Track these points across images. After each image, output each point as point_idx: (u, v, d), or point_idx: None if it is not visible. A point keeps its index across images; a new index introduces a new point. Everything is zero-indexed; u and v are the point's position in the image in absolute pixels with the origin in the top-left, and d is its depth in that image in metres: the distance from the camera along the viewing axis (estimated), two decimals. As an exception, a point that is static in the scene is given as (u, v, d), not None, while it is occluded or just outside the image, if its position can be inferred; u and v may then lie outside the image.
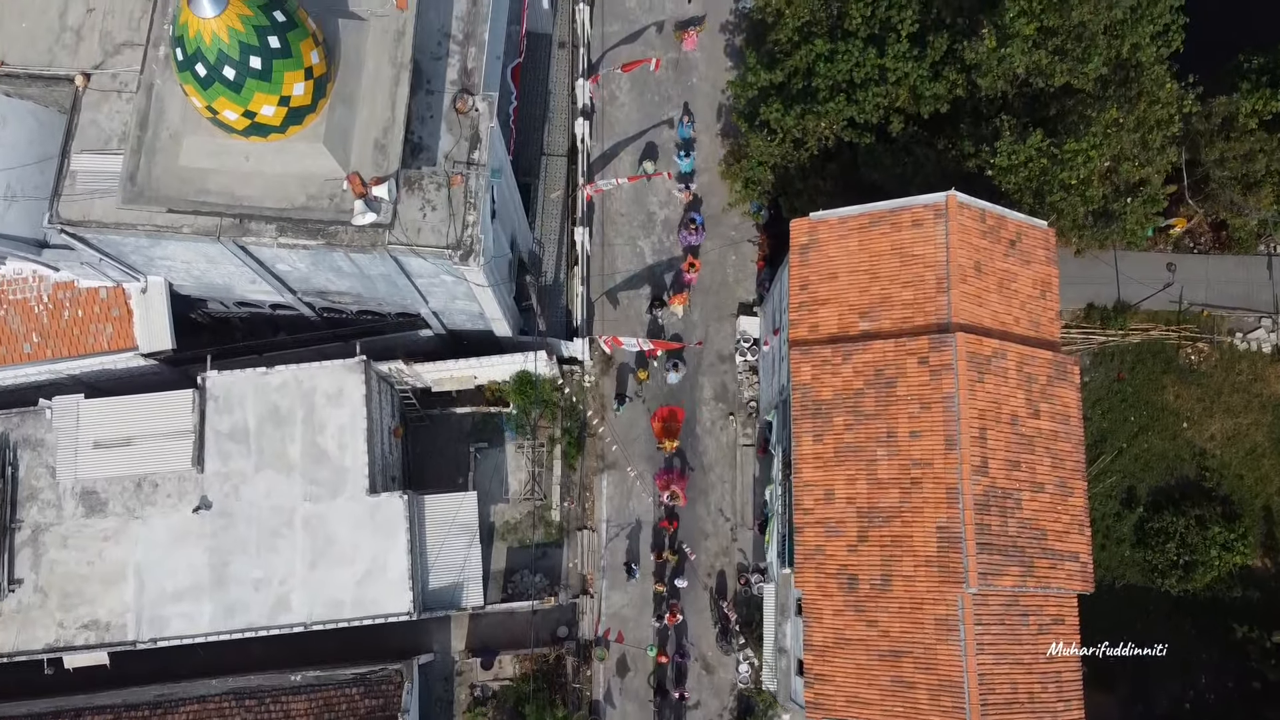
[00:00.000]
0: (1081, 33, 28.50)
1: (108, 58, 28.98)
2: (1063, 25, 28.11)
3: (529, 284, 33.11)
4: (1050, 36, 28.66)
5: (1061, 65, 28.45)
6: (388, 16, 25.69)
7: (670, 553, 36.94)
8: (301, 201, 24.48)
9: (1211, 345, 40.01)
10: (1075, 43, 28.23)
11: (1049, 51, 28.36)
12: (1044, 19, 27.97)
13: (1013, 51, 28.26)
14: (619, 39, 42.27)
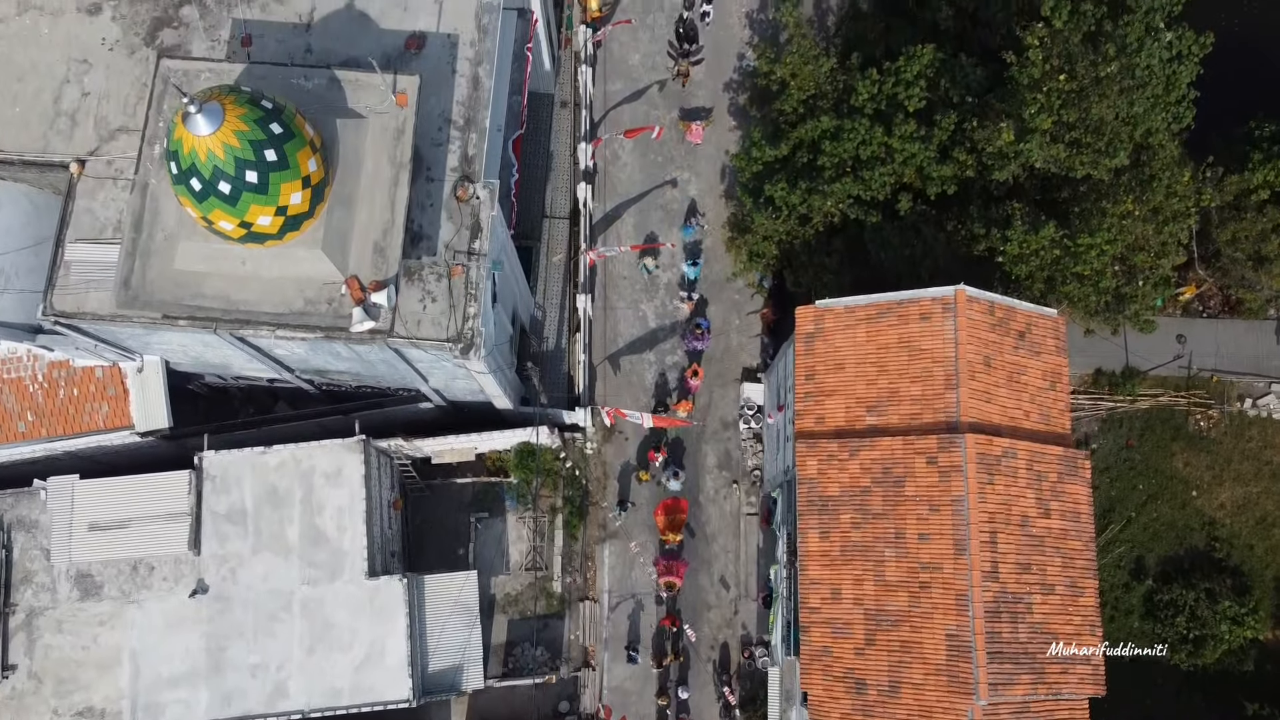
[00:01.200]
0: (1100, 126, 27.97)
1: (103, 143, 28.57)
2: (1080, 120, 27.56)
3: (530, 370, 32.66)
4: (1068, 129, 28.13)
5: (1080, 158, 27.94)
6: (387, 114, 25.22)
7: (673, 656, 36.30)
8: (299, 306, 24.03)
9: (1221, 412, 39.53)
10: (1094, 136, 27.69)
11: (1067, 144, 27.83)
12: (1062, 114, 27.44)
13: (1031, 147, 27.76)
14: (622, 97, 41.84)
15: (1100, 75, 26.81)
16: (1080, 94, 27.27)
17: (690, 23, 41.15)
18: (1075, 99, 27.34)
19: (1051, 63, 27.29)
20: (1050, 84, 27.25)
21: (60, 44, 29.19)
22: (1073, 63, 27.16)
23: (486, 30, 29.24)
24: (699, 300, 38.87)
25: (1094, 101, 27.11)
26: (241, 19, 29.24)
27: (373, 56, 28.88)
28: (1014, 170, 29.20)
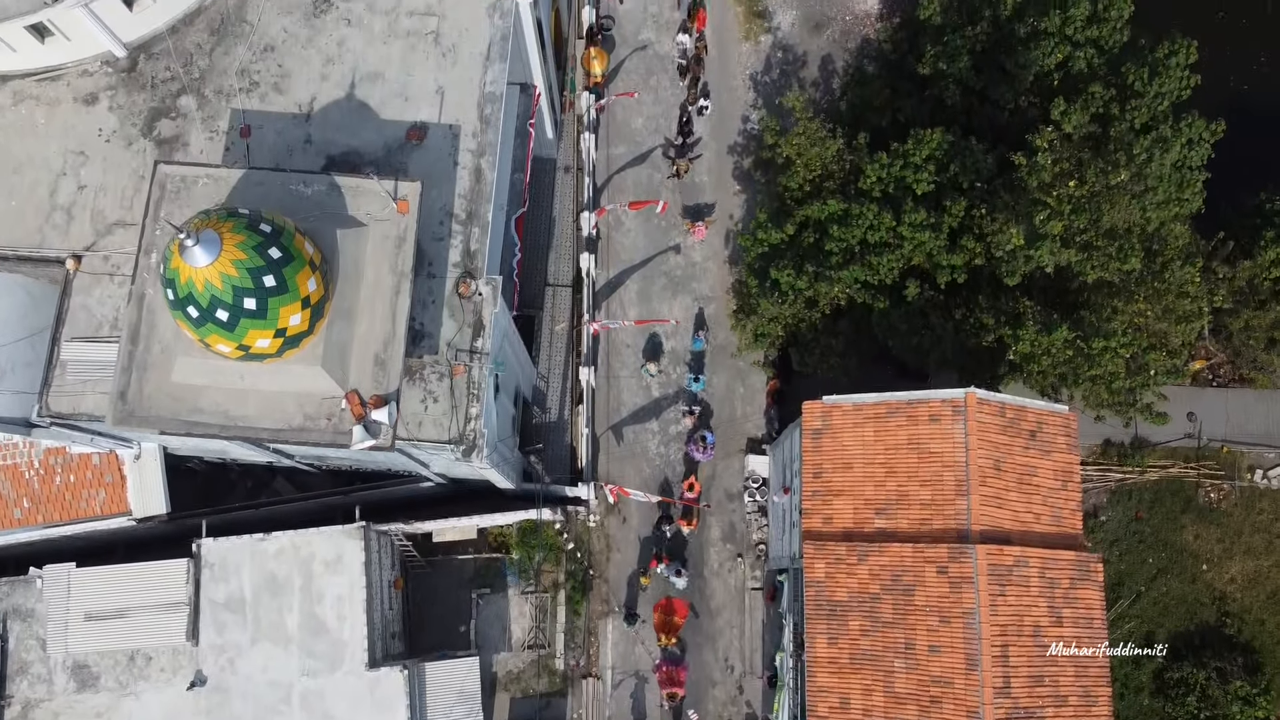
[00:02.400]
0: (1112, 231, 27.48)
1: (100, 238, 28.16)
2: (1092, 225, 27.05)
3: (534, 461, 32.24)
4: (1079, 233, 27.62)
5: (1091, 263, 27.46)
6: (388, 221, 24.78)
7: (678, 734, 35.92)
8: (299, 422, 23.60)
9: (1231, 483, 39.06)
10: (1106, 240, 27.20)
11: (1078, 247, 27.34)
12: (1073, 220, 26.94)
13: (1041, 253, 27.31)
14: (625, 161, 41.42)
15: (1111, 184, 26.35)
16: (1091, 200, 26.79)
17: (689, 116, 40.53)
18: (1086, 204, 26.86)
19: (1061, 166, 26.84)
20: (1060, 189, 26.79)
21: (56, 135, 28.75)
22: (1082, 169, 26.71)
23: (489, 121, 28.80)
24: (701, 414, 38.15)
25: (1105, 210, 26.65)
26: (240, 109, 28.84)
27: (373, 148, 28.70)
28: (1025, 272, 28.73)
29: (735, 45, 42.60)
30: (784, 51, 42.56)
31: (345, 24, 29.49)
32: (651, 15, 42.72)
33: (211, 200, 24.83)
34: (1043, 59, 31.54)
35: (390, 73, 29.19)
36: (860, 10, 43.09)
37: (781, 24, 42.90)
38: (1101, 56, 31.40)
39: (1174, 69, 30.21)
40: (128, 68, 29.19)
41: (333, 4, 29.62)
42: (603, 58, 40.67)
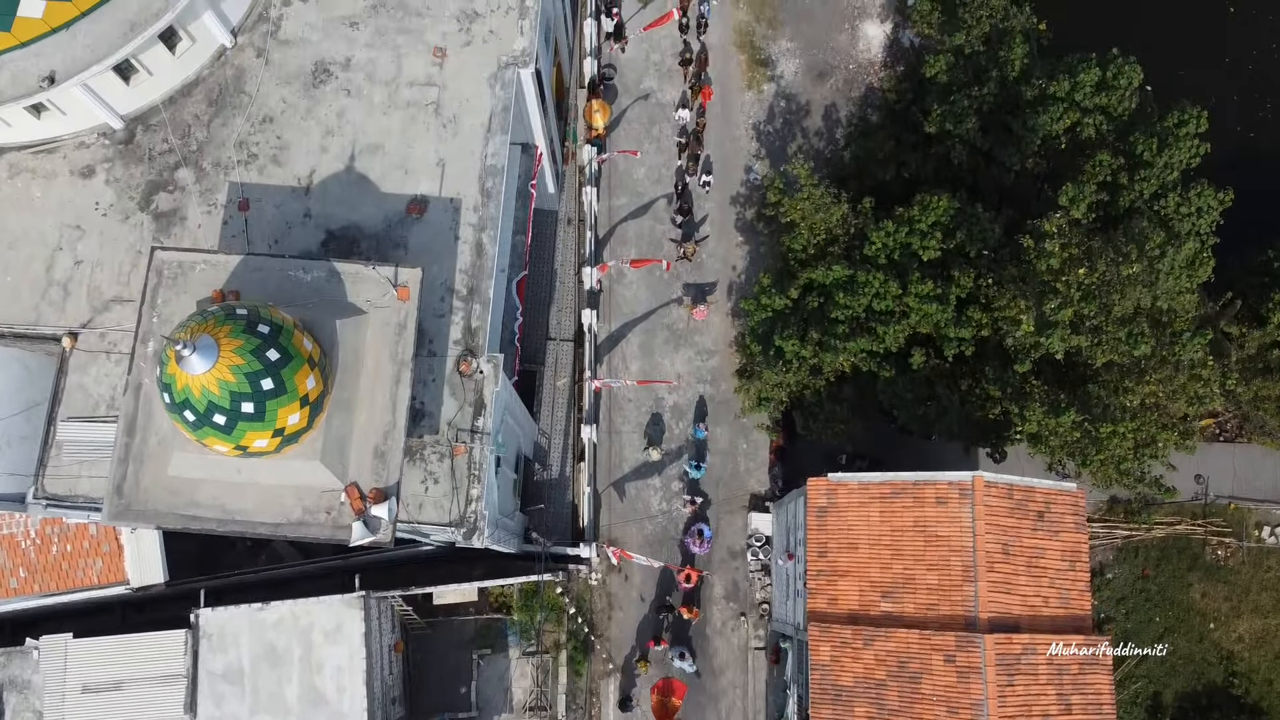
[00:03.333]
0: (1123, 317, 27.08)
1: (96, 315, 27.75)
2: (1102, 311, 26.61)
3: (536, 540, 31.91)
4: (1089, 317, 27.16)
5: (1101, 348, 27.05)
6: (388, 308, 24.44)
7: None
8: (297, 515, 23.25)
9: (1239, 541, 38.72)
10: (1116, 325, 26.81)
11: (1088, 331, 26.94)
12: (1083, 307, 26.53)
13: (1052, 341, 26.91)
14: (627, 212, 41.11)
15: (1123, 275, 25.97)
16: (1101, 287, 26.40)
17: (689, 191, 40.11)
18: (1096, 291, 26.47)
19: (1070, 252, 26.51)
20: (1069, 275, 26.44)
21: (53, 209, 28.36)
22: (1092, 257, 26.36)
23: (490, 194, 28.44)
24: (702, 503, 37.68)
25: (1116, 299, 26.28)
26: (239, 182, 28.48)
27: (373, 222, 28.33)
28: (1035, 359, 28.37)
29: (738, 94, 42.27)
30: (787, 100, 42.24)
31: (345, 94, 29.13)
32: (654, 64, 42.40)
33: (209, 287, 24.49)
34: (1050, 124, 31.22)
35: (390, 144, 28.82)
36: (864, 59, 42.77)
37: (784, 72, 42.57)
38: (1110, 122, 31.05)
39: (1184, 139, 29.88)
40: (125, 140, 28.82)
41: (332, 74, 29.25)
42: (605, 110, 40.35)
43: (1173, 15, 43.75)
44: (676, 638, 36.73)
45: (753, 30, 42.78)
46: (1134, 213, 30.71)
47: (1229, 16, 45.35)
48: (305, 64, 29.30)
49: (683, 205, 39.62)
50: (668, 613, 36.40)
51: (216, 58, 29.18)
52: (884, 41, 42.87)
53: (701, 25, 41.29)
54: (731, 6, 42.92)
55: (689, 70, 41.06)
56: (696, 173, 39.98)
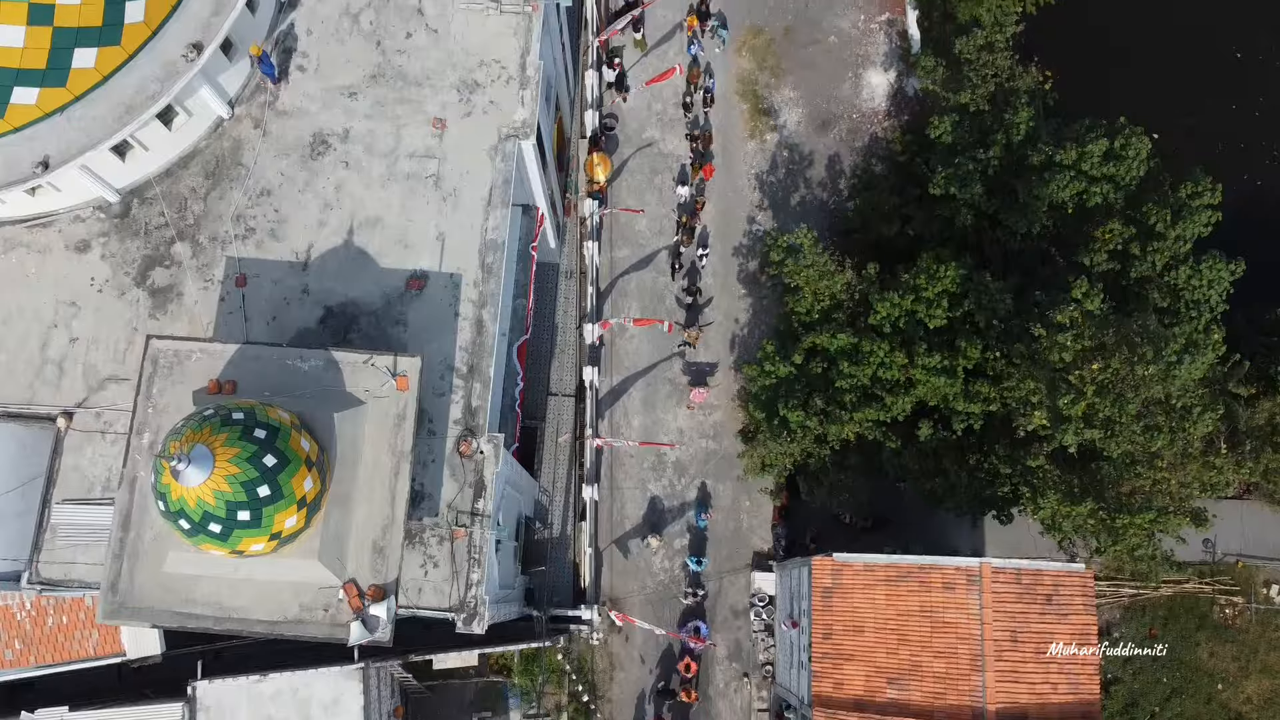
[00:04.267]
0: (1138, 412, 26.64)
1: (92, 393, 27.35)
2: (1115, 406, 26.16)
3: (537, 619, 31.53)
4: (1102, 412, 26.71)
5: (1115, 441, 26.63)
6: (387, 398, 24.06)
7: None
8: (294, 613, 22.89)
9: (1247, 599, 38.33)
10: (1132, 419, 26.36)
11: (1101, 425, 26.48)
12: (1097, 403, 26.10)
13: (1066, 435, 26.50)
14: (629, 264, 40.78)
15: (1137, 375, 25.54)
16: (1115, 382, 25.94)
17: (696, 270, 39.76)
18: (1110, 386, 26.03)
19: (1083, 344, 26.12)
20: (1083, 369, 26.05)
21: (48, 285, 27.97)
22: (1106, 354, 25.96)
23: (491, 270, 28.07)
24: (703, 597, 37.22)
25: (1131, 397, 25.87)
26: (236, 257, 28.12)
27: (372, 298, 27.96)
28: (1048, 453, 27.98)
29: (740, 144, 41.93)
30: (790, 150, 41.89)
31: (343, 167, 28.76)
32: (655, 113, 42.06)
33: (205, 376, 24.15)
34: (1057, 191, 30.84)
35: (390, 218, 28.45)
36: (868, 108, 42.41)
37: (787, 122, 42.21)
38: (1118, 191, 30.67)
39: (1198, 210, 29.50)
40: (120, 213, 28.45)
41: (330, 146, 28.88)
42: (606, 163, 40.00)
43: (1178, 61, 43.34)
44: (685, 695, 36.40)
45: (755, 79, 42.43)
46: (1145, 282, 30.34)
47: (1235, 61, 44.91)
48: (303, 135, 28.93)
49: (690, 285, 39.17)
50: (667, 697, 36.01)
51: (213, 129, 28.82)
52: (888, 90, 42.51)
53: (708, 99, 40.78)
54: (734, 55, 42.59)
55: (693, 146, 40.52)
56: (691, 244, 39.48)
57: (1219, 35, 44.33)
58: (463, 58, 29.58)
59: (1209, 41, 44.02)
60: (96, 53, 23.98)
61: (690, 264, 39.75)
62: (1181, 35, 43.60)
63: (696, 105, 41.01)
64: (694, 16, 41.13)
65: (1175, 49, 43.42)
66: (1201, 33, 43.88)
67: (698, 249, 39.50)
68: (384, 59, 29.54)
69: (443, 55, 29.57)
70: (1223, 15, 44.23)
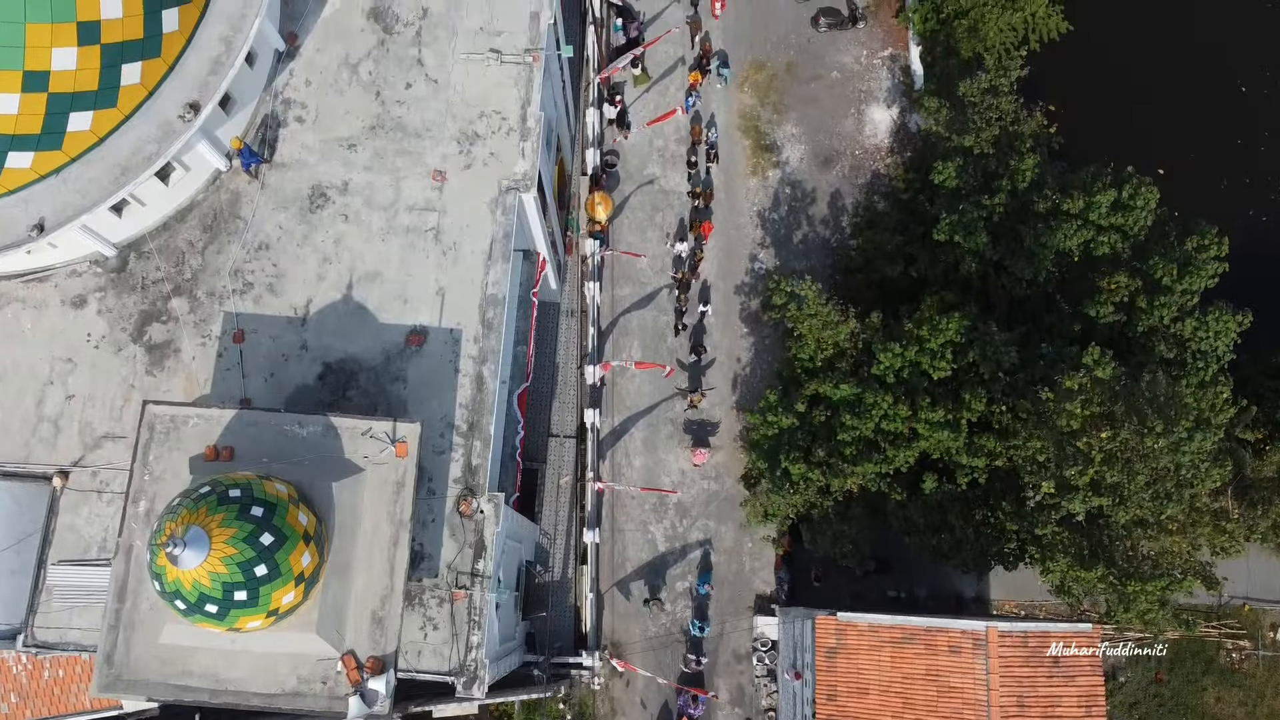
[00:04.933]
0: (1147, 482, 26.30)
1: (88, 452, 27.10)
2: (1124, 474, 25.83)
3: (539, 673, 31.21)
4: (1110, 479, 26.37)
5: (1123, 510, 26.25)
6: (386, 464, 23.77)
7: None
8: (292, 685, 22.59)
9: (1254, 643, 37.99)
10: (1142, 489, 26.01)
11: (1109, 491, 26.11)
12: (1105, 472, 25.80)
13: (1074, 503, 26.18)
14: (631, 302, 40.45)
15: (1146, 445, 25.21)
16: (1124, 451, 25.61)
17: (696, 328, 39.36)
18: (1118, 456, 25.70)
19: (1092, 410, 25.79)
20: (1091, 437, 25.73)
21: (44, 341, 27.73)
22: (1115, 423, 25.64)
23: (491, 325, 27.82)
24: (704, 664, 36.66)
25: (1139, 469, 25.55)
26: (234, 312, 27.85)
27: (372, 353, 27.71)
28: (1055, 521, 27.66)
29: (743, 181, 41.63)
30: (792, 187, 41.58)
31: (342, 220, 28.50)
32: (657, 149, 41.77)
33: (202, 442, 23.85)
34: (1064, 240, 30.56)
35: (389, 272, 28.19)
36: (870, 144, 42.12)
37: (790, 158, 41.91)
38: (1126, 240, 30.37)
39: (1203, 263, 29.21)
40: (117, 267, 28.19)
41: (329, 199, 28.62)
42: (607, 203, 39.71)
43: (1182, 96, 43.04)
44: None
45: (757, 115, 42.15)
46: (1152, 333, 30.05)
47: (1240, 95, 44.60)
48: (302, 188, 28.69)
49: (694, 344, 38.82)
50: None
51: (211, 181, 28.59)
52: (891, 126, 42.22)
53: (711, 155, 40.42)
54: (736, 91, 42.31)
55: (694, 204, 40.16)
56: (687, 301, 39.10)
57: (1224, 69, 44.02)
58: (463, 108, 29.34)
59: (1213, 75, 43.71)
60: (92, 116, 23.71)
61: (694, 322, 39.17)
62: (1186, 69, 43.28)
63: (700, 161, 40.52)
64: (696, 73, 40.92)
65: (1179, 83, 43.12)
66: (1206, 66, 43.58)
67: (700, 305, 39.08)
68: (383, 110, 29.30)
69: (442, 106, 29.33)
70: (1228, 49, 43.93)
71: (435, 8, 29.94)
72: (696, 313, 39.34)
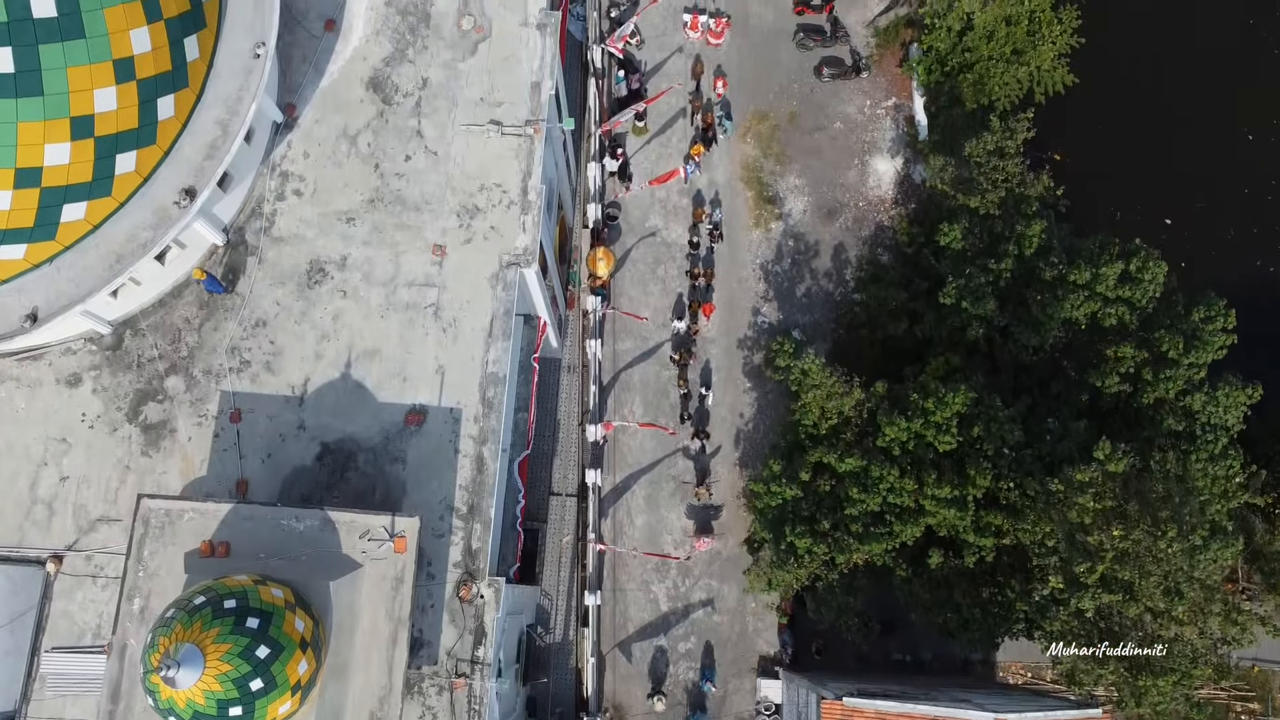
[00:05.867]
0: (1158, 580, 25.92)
1: (82, 535, 26.73)
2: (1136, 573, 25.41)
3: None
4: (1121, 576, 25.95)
5: (1133, 606, 25.83)
6: (385, 560, 23.38)
7: None
8: (289, 790, 22.16)
9: (1264, 705, 37.54)
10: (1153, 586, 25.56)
11: (1120, 588, 25.67)
12: (1117, 571, 25.39)
13: (1083, 600, 25.77)
14: (632, 357, 40.04)
15: (1159, 547, 24.79)
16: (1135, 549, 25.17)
17: (705, 410, 38.79)
18: (1131, 555, 25.25)
19: (1104, 504, 25.38)
20: (1102, 535, 25.31)
21: (38, 420, 27.36)
22: (1128, 523, 25.22)
23: (492, 405, 27.47)
24: None
25: (1152, 570, 25.13)
26: (230, 390, 27.48)
27: (370, 433, 27.35)
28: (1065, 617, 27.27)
29: (745, 233, 41.25)
30: (795, 240, 41.20)
31: (341, 296, 28.14)
32: (659, 200, 41.39)
33: (197, 537, 23.48)
34: (1071, 310, 30.17)
35: (388, 349, 27.84)
36: (874, 195, 41.75)
37: (793, 210, 41.53)
38: (1133, 312, 29.98)
39: (1211, 336, 28.82)
40: (113, 345, 27.82)
41: (328, 274, 28.27)
42: (609, 259, 39.34)
43: (1188, 144, 42.66)
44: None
45: (760, 166, 41.79)
46: (1160, 405, 29.67)
47: (1247, 144, 44.22)
48: (300, 263, 28.34)
49: (697, 431, 38.31)
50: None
51: (208, 256, 28.22)
52: (894, 177, 41.85)
53: (715, 235, 40.01)
54: (738, 141, 41.95)
55: (694, 284, 39.73)
56: (687, 387, 38.64)
57: (1230, 116, 43.64)
58: (463, 181, 29.01)
59: (1220, 123, 43.33)
60: (86, 205, 23.34)
61: (698, 408, 38.68)
62: (1192, 117, 42.92)
63: (702, 241, 40.03)
64: (699, 145, 40.59)
65: (1185, 131, 42.74)
66: (1212, 114, 43.21)
67: (701, 389, 38.63)
68: (382, 182, 28.96)
69: (442, 179, 29.00)
70: (1234, 96, 43.55)
71: (435, 78, 29.61)
72: (699, 395, 38.79)
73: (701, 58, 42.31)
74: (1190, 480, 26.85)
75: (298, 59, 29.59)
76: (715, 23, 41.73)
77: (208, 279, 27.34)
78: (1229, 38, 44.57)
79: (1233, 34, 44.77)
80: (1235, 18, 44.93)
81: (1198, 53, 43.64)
